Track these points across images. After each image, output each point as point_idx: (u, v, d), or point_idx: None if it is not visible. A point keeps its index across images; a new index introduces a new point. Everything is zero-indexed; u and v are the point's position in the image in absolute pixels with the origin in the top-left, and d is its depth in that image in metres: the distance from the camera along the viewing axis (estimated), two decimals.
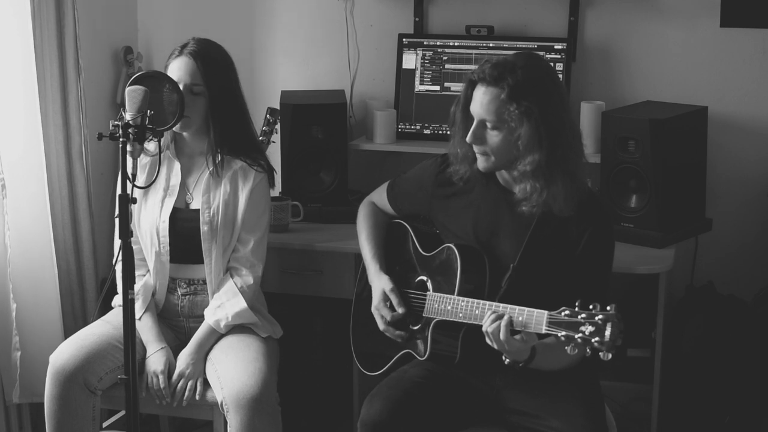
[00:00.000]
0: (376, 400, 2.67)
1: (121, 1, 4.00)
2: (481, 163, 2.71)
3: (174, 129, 3.01)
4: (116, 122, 2.70)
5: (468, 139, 2.67)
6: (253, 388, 2.88)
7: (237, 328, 3.08)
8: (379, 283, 2.91)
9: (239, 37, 3.99)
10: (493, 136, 2.64)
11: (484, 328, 2.53)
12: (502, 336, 2.48)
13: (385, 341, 2.91)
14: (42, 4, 3.38)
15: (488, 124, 2.64)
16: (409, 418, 2.66)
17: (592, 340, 2.32)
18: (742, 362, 3.42)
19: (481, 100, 2.64)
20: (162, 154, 3.06)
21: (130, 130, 2.68)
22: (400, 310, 2.84)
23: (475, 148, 2.69)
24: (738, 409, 3.43)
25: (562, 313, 2.40)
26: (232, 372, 2.93)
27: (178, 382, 2.99)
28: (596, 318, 2.34)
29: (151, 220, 3.09)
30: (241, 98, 3.12)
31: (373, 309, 2.91)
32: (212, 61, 3.05)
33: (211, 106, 3.03)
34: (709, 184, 3.56)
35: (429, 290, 2.81)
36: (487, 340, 2.53)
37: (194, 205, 3.10)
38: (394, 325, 2.86)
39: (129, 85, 2.80)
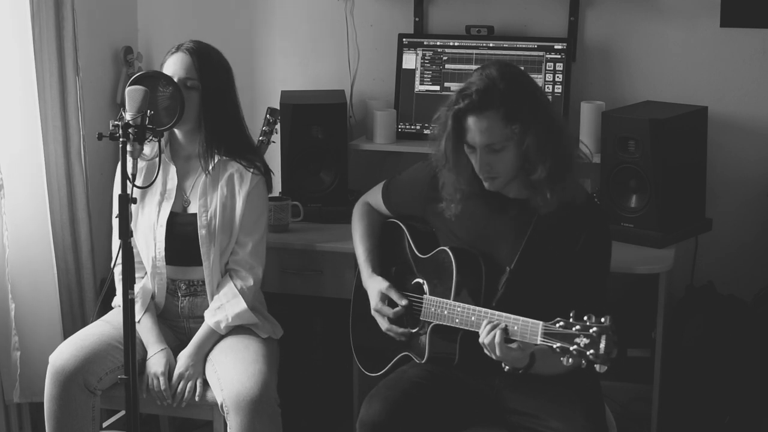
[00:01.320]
0: (375, 401, 2.67)
1: (121, 1, 4.00)
2: (491, 185, 2.68)
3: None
4: (116, 122, 2.70)
5: (479, 170, 2.64)
6: (253, 390, 2.87)
7: (237, 328, 3.08)
8: (374, 285, 2.91)
9: (239, 37, 3.99)
10: (503, 157, 2.62)
11: (480, 340, 2.53)
12: (497, 348, 2.49)
13: (385, 341, 2.91)
14: (41, 4, 3.37)
15: (495, 147, 2.61)
16: (408, 419, 2.66)
17: (587, 353, 2.33)
18: (742, 362, 3.42)
19: (480, 128, 2.60)
20: (160, 157, 3.06)
21: (130, 130, 2.68)
22: (402, 303, 2.83)
23: (484, 175, 2.66)
24: (738, 409, 3.43)
25: (557, 325, 2.40)
26: (232, 373, 2.93)
27: (178, 383, 2.99)
28: (591, 330, 2.34)
29: (148, 225, 3.09)
30: (235, 101, 3.12)
31: (372, 312, 2.90)
32: (208, 58, 3.06)
33: (203, 103, 3.03)
34: (709, 184, 3.56)
35: (425, 293, 2.80)
36: (485, 351, 2.53)
37: (191, 209, 3.10)
38: (397, 322, 2.85)
39: (129, 85, 2.80)
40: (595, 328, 2.33)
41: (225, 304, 3.06)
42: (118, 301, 3.19)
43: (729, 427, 3.44)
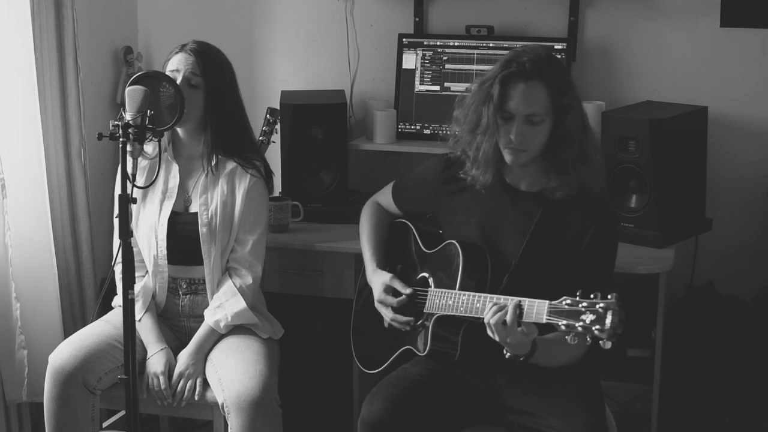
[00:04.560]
0: (377, 399, 2.67)
1: (121, 1, 4.00)
2: (516, 159, 2.68)
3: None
4: (116, 122, 2.70)
5: (513, 136, 2.64)
6: (254, 390, 2.88)
7: (237, 329, 3.08)
8: (378, 279, 2.91)
9: (239, 37, 4.00)
10: (537, 130, 2.64)
11: (486, 320, 2.52)
12: (509, 320, 2.47)
13: (385, 341, 2.91)
14: (42, 4, 3.38)
15: (534, 119, 2.63)
16: (409, 417, 2.66)
17: (593, 328, 2.32)
18: (742, 362, 3.42)
19: (525, 96, 2.62)
20: (161, 156, 3.06)
21: (130, 130, 2.68)
22: (406, 291, 2.83)
23: (515, 145, 2.66)
24: (738, 409, 3.43)
25: (563, 303, 2.40)
26: (233, 374, 2.93)
27: (178, 382, 3.00)
28: (597, 306, 2.33)
29: (149, 223, 3.09)
30: (239, 101, 3.12)
31: (376, 304, 2.90)
32: (211, 58, 3.06)
33: (208, 103, 3.03)
34: (709, 184, 3.56)
35: (431, 286, 2.81)
36: (489, 332, 2.53)
37: (193, 208, 3.10)
38: (401, 312, 2.85)
39: (129, 85, 2.80)
40: (601, 304, 2.33)
41: (224, 303, 3.06)
42: (118, 301, 3.19)
43: (729, 427, 3.44)
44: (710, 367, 3.44)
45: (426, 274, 2.85)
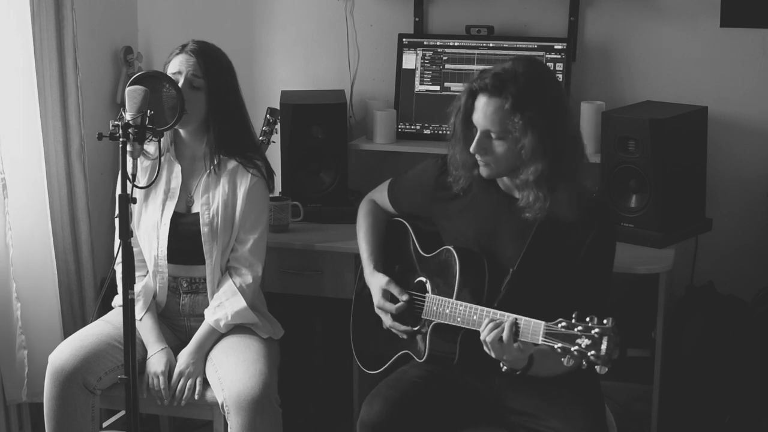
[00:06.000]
0: (376, 401, 2.67)
1: (121, 1, 4.00)
2: (483, 171, 2.69)
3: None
4: (116, 122, 2.70)
5: (472, 149, 2.65)
6: (254, 390, 2.88)
7: (238, 329, 3.08)
8: (376, 282, 2.91)
9: (239, 37, 4.00)
10: (498, 146, 2.63)
11: (482, 338, 2.52)
12: (505, 339, 2.47)
13: (385, 340, 2.91)
14: (41, 4, 3.38)
15: (492, 135, 2.63)
16: (409, 419, 2.66)
17: (588, 354, 2.33)
18: (742, 362, 3.42)
19: (484, 111, 2.62)
20: (163, 157, 3.06)
21: (130, 130, 2.68)
22: (403, 298, 2.83)
23: (479, 158, 2.67)
24: (738, 409, 3.43)
25: (559, 325, 2.39)
26: (233, 373, 2.93)
27: (178, 381, 3.00)
28: (593, 331, 2.34)
29: (151, 223, 3.09)
30: (240, 100, 3.12)
31: (376, 309, 2.90)
32: (212, 58, 3.06)
33: (210, 103, 3.03)
34: (709, 184, 3.56)
35: (428, 292, 2.80)
36: (485, 349, 2.53)
37: (195, 208, 3.10)
38: (399, 318, 2.85)
39: (129, 85, 2.80)
40: (597, 329, 2.33)
41: (224, 302, 3.06)
42: (118, 301, 3.19)
43: (729, 427, 3.44)
44: (710, 367, 3.44)
45: (423, 279, 2.84)
